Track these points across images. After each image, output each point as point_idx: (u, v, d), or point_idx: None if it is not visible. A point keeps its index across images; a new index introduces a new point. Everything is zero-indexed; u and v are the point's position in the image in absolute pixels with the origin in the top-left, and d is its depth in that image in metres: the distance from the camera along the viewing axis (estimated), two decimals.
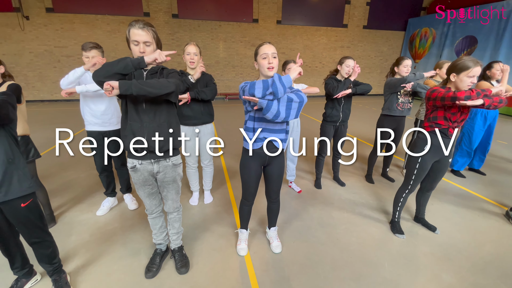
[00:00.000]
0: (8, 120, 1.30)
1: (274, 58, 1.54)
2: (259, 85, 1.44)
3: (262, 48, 1.55)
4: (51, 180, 3.19)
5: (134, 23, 1.35)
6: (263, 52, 1.53)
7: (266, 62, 1.53)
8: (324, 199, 2.82)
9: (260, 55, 1.55)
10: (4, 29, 8.75)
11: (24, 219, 1.41)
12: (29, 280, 1.65)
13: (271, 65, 1.53)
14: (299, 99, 1.49)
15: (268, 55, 1.53)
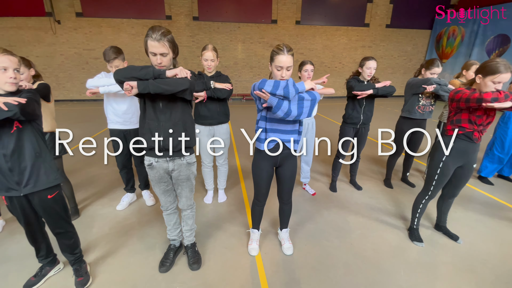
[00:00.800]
0: (34, 116, 1.40)
1: (287, 71, 1.53)
2: (270, 83, 1.44)
3: (278, 58, 1.50)
4: (76, 175, 3.38)
5: (151, 32, 1.36)
6: (279, 63, 1.50)
7: (279, 73, 1.53)
8: (339, 203, 2.77)
9: (275, 65, 1.53)
10: (38, 32, 9.41)
11: (50, 210, 1.51)
12: (53, 268, 1.76)
13: (283, 78, 1.53)
14: (311, 97, 1.47)
15: (283, 68, 1.51)
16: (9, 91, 1.32)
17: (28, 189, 1.41)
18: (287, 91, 1.40)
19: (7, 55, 1.28)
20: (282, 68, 1.51)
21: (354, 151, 2.95)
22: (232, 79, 11.91)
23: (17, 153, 1.36)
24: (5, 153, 1.33)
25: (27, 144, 1.38)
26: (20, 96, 1.31)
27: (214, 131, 2.48)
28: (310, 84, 1.50)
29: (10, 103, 1.21)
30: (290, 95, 1.41)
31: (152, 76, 1.36)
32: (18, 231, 2.22)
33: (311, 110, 1.51)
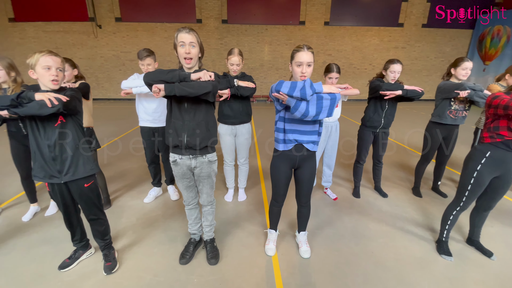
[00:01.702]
0: (76, 112, 1.56)
1: (308, 67, 1.53)
2: (287, 84, 1.45)
3: (298, 54, 1.53)
4: (109, 168, 3.65)
5: (182, 29, 1.51)
6: (298, 59, 1.52)
7: (299, 70, 1.53)
8: (362, 209, 2.68)
9: (295, 62, 1.54)
10: (81, 36, 10.27)
11: (85, 198, 1.67)
12: (85, 252, 1.93)
13: (304, 74, 1.53)
14: (331, 96, 1.44)
15: (302, 64, 1.52)
16: (52, 88, 1.48)
17: (67, 177, 1.57)
18: (303, 92, 1.40)
19: (51, 55, 1.44)
20: (302, 64, 1.51)
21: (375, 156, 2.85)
22: (257, 81, 11.92)
23: (59, 144, 1.52)
24: (49, 144, 1.50)
25: (68, 136, 1.54)
26: (64, 94, 1.46)
27: (236, 130, 2.54)
28: (329, 88, 1.47)
29: (53, 101, 1.36)
30: (307, 96, 1.40)
31: (178, 79, 1.44)
32: (57, 217, 2.46)
33: (331, 109, 1.47)
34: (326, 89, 1.46)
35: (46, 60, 1.41)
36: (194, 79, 1.47)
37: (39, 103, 1.35)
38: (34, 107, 1.35)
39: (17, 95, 1.35)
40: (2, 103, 1.34)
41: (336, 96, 1.46)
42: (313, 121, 1.61)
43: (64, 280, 1.74)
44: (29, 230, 2.26)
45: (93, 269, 1.83)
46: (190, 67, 1.57)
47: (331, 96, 1.45)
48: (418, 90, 2.36)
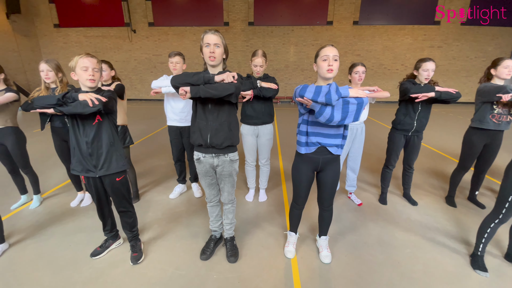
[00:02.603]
0: (111, 111, 1.67)
1: (335, 61, 1.50)
2: (311, 89, 1.43)
3: (323, 49, 1.52)
4: (139, 164, 3.86)
5: (207, 31, 1.56)
6: (324, 54, 1.50)
7: (326, 64, 1.50)
8: (388, 217, 2.55)
9: (321, 57, 1.52)
10: (117, 40, 10.98)
11: (116, 191, 1.79)
12: (115, 242, 2.06)
13: (330, 67, 1.49)
14: (357, 100, 1.40)
15: (329, 57, 1.49)
16: (89, 86, 1.61)
17: (102, 171, 1.70)
18: (329, 97, 1.37)
19: (87, 57, 1.57)
20: (328, 57, 1.49)
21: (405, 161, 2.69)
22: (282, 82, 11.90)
23: (96, 141, 1.65)
24: (87, 141, 1.63)
25: (104, 134, 1.67)
26: (102, 95, 1.59)
27: (259, 130, 2.55)
28: (355, 92, 1.42)
29: (94, 101, 1.49)
30: (333, 101, 1.37)
31: (202, 82, 1.50)
32: (91, 207, 2.66)
33: (358, 114, 1.43)
34: (353, 93, 1.41)
35: (83, 62, 1.55)
36: (217, 81, 1.51)
37: (82, 103, 1.48)
38: (77, 107, 1.48)
39: (62, 95, 1.50)
40: (50, 102, 1.50)
41: (364, 100, 1.41)
42: (338, 125, 1.58)
43: (95, 267, 1.87)
44: (66, 219, 2.47)
45: (121, 259, 1.95)
46: (214, 64, 1.60)
47: (358, 101, 1.40)
48: (453, 92, 2.19)
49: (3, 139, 2.39)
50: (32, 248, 2.07)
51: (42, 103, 1.52)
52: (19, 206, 2.68)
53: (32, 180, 2.66)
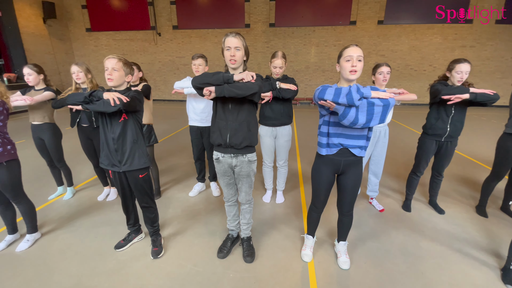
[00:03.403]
0: (136, 110, 1.75)
1: (359, 62, 1.46)
2: (331, 91, 1.39)
3: (347, 50, 1.48)
4: (162, 162, 3.99)
5: (229, 34, 1.58)
6: (348, 54, 1.46)
7: (349, 64, 1.45)
8: (412, 225, 2.44)
9: (344, 57, 1.48)
10: (143, 43, 11.44)
11: (139, 187, 1.87)
12: (137, 236, 2.15)
13: (354, 68, 1.45)
14: (384, 103, 1.35)
15: (352, 58, 1.44)
16: (110, 85, 1.71)
17: (125, 167, 1.78)
18: (350, 97, 1.33)
19: (108, 59, 1.66)
20: (352, 58, 1.44)
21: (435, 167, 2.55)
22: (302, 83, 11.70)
23: (121, 138, 1.74)
24: (113, 137, 1.72)
25: (129, 132, 1.75)
26: (128, 95, 1.67)
27: (277, 132, 2.55)
28: (377, 94, 1.37)
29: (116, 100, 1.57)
30: (355, 102, 1.33)
31: (222, 81, 1.52)
32: (116, 202, 2.80)
33: (384, 116, 1.37)
34: (375, 95, 1.37)
35: (105, 63, 1.67)
36: (236, 80, 1.53)
37: (104, 102, 1.58)
38: (101, 105, 1.58)
39: (89, 93, 1.60)
40: (78, 99, 1.62)
41: (390, 101, 1.35)
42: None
43: (118, 258, 1.96)
44: (93, 212, 2.61)
45: (142, 252, 2.03)
46: (234, 67, 1.63)
47: (384, 102, 1.34)
48: (490, 94, 2.04)
49: (42, 134, 2.60)
50: (62, 238, 2.21)
51: (72, 100, 1.65)
52: (55, 197, 2.91)
53: (66, 173, 2.86)
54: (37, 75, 2.48)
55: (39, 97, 2.40)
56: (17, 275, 1.80)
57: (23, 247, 2.05)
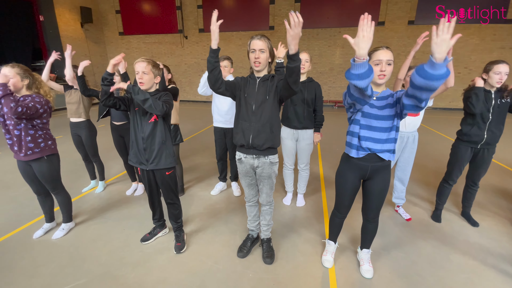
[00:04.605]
0: (166, 115, 1.84)
1: (388, 66, 1.41)
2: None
3: (376, 53, 1.43)
4: (185, 160, 4.12)
5: (254, 36, 1.61)
6: (377, 58, 1.42)
7: (378, 68, 1.41)
8: (442, 236, 2.30)
9: (373, 61, 1.44)
10: (171, 46, 11.89)
11: (165, 184, 1.95)
12: (161, 231, 2.24)
13: (383, 72, 1.41)
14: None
15: (382, 62, 1.40)
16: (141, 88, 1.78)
17: (152, 166, 1.87)
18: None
19: (138, 62, 1.74)
20: (381, 62, 1.40)
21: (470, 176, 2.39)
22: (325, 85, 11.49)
23: (150, 138, 1.82)
24: (143, 136, 1.81)
25: (158, 133, 1.83)
26: (160, 97, 1.75)
27: (298, 135, 2.53)
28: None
29: (160, 106, 1.67)
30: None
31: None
32: (142, 197, 2.94)
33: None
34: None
35: (135, 67, 1.75)
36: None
37: (154, 101, 1.65)
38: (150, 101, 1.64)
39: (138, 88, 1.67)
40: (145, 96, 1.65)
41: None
42: (389, 128, 1.48)
43: (144, 251, 2.06)
44: (122, 206, 2.76)
45: (166, 247, 2.11)
46: (258, 69, 1.65)
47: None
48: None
49: (79, 131, 2.80)
50: (93, 228, 2.36)
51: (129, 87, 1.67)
52: (88, 189, 3.12)
53: (99, 168, 3.06)
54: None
55: (75, 81, 2.62)
56: (52, 260, 1.96)
57: (59, 235, 2.22)
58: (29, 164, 2.00)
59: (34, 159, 1.97)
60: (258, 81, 1.68)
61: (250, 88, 1.69)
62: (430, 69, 1.06)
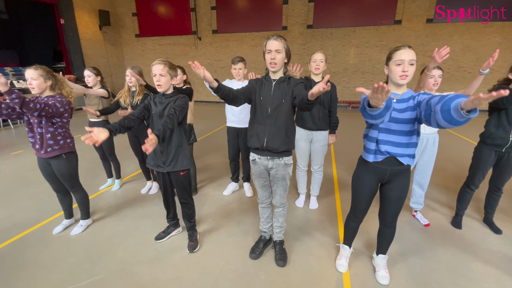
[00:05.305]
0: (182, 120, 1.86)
1: (411, 66, 1.35)
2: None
3: (398, 53, 1.38)
4: (198, 160, 4.16)
5: (270, 36, 1.59)
6: (399, 57, 1.36)
7: (399, 69, 1.36)
8: (463, 243, 2.20)
9: (394, 61, 1.38)
10: (185, 47, 12.07)
11: (180, 184, 1.97)
12: (175, 230, 2.27)
13: (405, 73, 1.35)
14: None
15: (404, 62, 1.35)
16: (159, 91, 1.81)
17: (169, 168, 1.89)
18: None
19: (155, 65, 1.76)
20: (403, 62, 1.35)
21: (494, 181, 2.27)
22: (339, 85, 11.30)
23: (167, 141, 1.84)
24: None
25: (174, 136, 1.85)
26: (176, 101, 1.78)
27: (312, 136, 2.49)
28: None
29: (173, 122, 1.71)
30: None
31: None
32: (157, 196, 2.99)
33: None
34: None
35: (152, 69, 1.77)
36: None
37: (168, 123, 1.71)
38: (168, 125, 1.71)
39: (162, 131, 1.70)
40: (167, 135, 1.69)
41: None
42: (409, 132, 1.42)
43: (158, 249, 2.09)
44: (137, 204, 2.81)
45: (179, 245, 2.13)
46: (274, 70, 1.64)
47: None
48: None
49: None
50: (110, 226, 2.42)
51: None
52: (105, 187, 3.21)
53: (116, 167, 3.14)
54: (95, 76, 2.77)
55: (92, 91, 2.72)
56: (71, 256, 2.02)
57: (77, 231, 2.29)
58: (48, 162, 2.08)
59: (53, 157, 2.04)
60: (274, 84, 1.67)
61: (266, 90, 1.67)
62: (457, 117, 1.02)
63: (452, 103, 1.02)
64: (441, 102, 1.08)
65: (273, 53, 1.57)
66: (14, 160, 4.23)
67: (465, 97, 1.01)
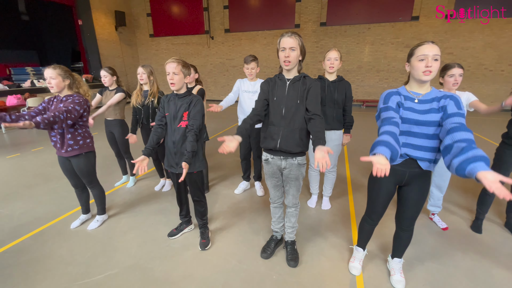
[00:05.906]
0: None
1: (435, 61, 1.29)
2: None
3: (421, 48, 1.31)
4: (210, 158, 4.17)
5: (285, 34, 1.55)
6: (422, 53, 1.30)
7: (423, 64, 1.30)
8: (483, 248, 2.11)
9: (417, 56, 1.32)
10: (197, 47, 12.18)
11: (193, 182, 1.99)
12: (187, 227, 2.30)
13: (428, 68, 1.29)
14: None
15: (427, 57, 1.28)
16: (172, 89, 1.82)
17: (181, 169, 1.89)
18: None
19: (168, 63, 1.78)
20: (426, 57, 1.29)
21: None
22: (353, 84, 11.11)
23: (180, 143, 1.86)
24: (174, 140, 1.87)
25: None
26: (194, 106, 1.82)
27: (326, 136, 2.45)
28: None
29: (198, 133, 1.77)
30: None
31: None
32: (170, 193, 3.03)
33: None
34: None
35: (166, 68, 1.79)
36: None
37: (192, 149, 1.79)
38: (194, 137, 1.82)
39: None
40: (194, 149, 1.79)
41: None
42: (431, 136, 1.35)
43: (171, 246, 2.12)
44: (151, 201, 2.87)
45: (191, 243, 2.15)
46: (288, 68, 1.60)
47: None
48: None
49: (112, 129, 2.96)
50: (125, 222, 2.48)
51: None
52: (120, 184, 3.30)
53: (130, 164, 3.20)
54: (111, 77, 2.83)
55: (110, 102, 2.79)
56: (87, 250, 2.08)
57: (94, 226, 2.36)
58: (68, 159, 2.15)
59: (73, 156, 2.11)
60: (288, 83, 1.64)
61: (279, 90, 1.64)
62: (468, 176, 1.07)
63: (468, 168, 1.04)
64: (459, 158, 1.09)
65: (287, 50, 1.54)
66: (35, 157, 4.41)
67: (483, 162, 1.02)
